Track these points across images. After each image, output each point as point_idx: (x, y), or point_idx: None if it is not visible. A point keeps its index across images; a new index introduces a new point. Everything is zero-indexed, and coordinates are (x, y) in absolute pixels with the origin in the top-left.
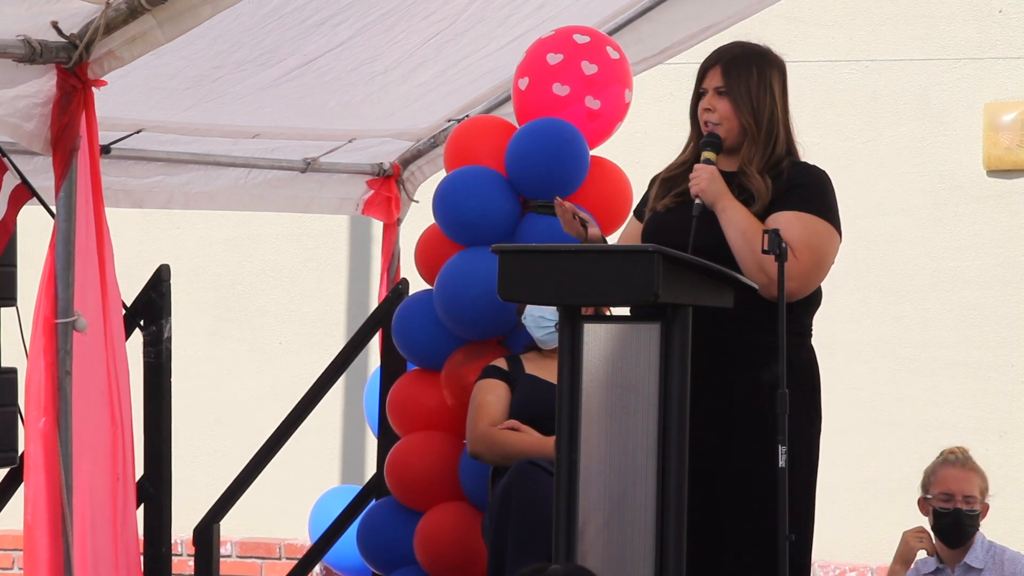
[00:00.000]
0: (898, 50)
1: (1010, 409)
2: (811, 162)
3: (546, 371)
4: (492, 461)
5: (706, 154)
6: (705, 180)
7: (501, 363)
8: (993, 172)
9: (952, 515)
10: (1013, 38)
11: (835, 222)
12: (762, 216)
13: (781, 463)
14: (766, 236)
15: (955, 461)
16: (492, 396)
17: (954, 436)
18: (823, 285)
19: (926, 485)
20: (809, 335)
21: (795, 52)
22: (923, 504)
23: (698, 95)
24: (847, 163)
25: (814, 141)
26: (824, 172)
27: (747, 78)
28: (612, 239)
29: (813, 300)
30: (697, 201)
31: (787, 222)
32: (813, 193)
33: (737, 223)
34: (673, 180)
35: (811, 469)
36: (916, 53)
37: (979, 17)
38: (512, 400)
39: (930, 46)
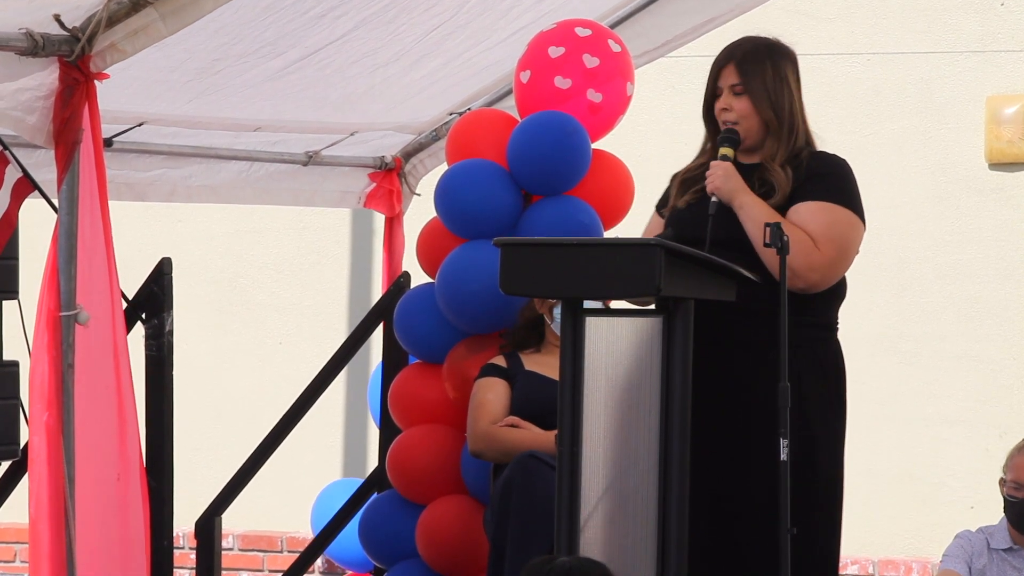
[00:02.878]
0: (900, 43)
1: (1011, 402)
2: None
3: (545, 367)
4: (494, 458)
5: (723, 150)
6: (720, 177)
7: (500, 361)
8: (995, 165)
9: (1020, 504)
10: (1015, 31)
11: (858, 211)
12: (783, 208)
13: (783, 456)
14: (767, 230)
15: None
16: (492, 394)
17: (956, 430)
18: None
19: (1005, 467)
20: (834, 329)
21: (797, 45)
22: (1001, 485)
23: (712, 94)
24: (849, 156)
25: (816, 134)
26: (845, 161)
27: (763, 73)
28: (620, 232)
29: (837, 292)
30: (713, 199)
31: (809, 212)
32: (835, 182)
33: (756, 218)
34: (691, 180)
35: (838, 466)
36: (918, 46)
37: (981, 10)
38: (512, 397)
39: (932, 39)
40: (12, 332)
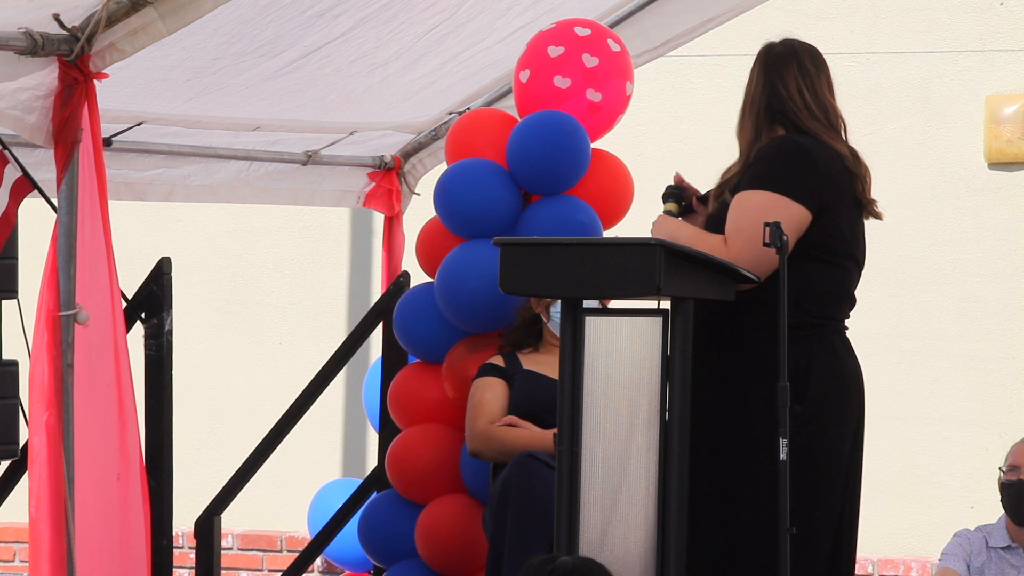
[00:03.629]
0: (899, 42)
1: (1011, 401)
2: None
3: (544, 366)
4: (492, 458)
5: (666, 206)
6: (653, 232)
7: (498, 360)
8: (994, 165)
9: (1016, 486)
10: (1014, 31)
11: (784, 189)
12: None
13: (782, 455)
14: (767, 229)
15: None
16: (490, 394)
17: (955, 429)
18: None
19: (1005, 460)
20: (801, 328)
21: None
22: (999, 479)
23: None
24: None
25: (792, 124)
26: (784, 140)
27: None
28: (616, 232)
29: (806, 290)
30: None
31: (729, 209)
32: (757, 168)
33: (687, 244)
34: (717, 188)
35: (801, 465)
36: (917, 45)
37: (980, 9)
38: (511, 396)
39: (931, 38)
40: (12, 332)
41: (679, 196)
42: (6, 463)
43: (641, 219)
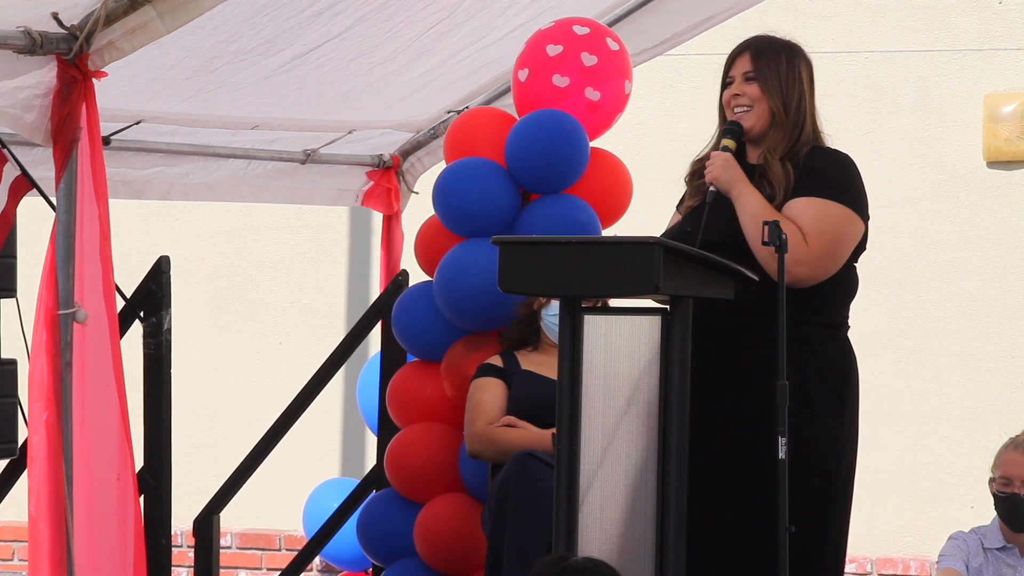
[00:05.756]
0: (898, 41)
1: (1011, 399)
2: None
3: (542, 366)
4: (491, 459)
5: (725, 141)
6: (719, 167)
7: (496, 360)
8: (993, 163)
9: (1010, 499)
10: (1013, 29)
11: (855, 205)
12: (782, 204)
13: (781, 455)
14: (766, 228)
15: (1020, 444)
16: (488, 394)
17: (955, 427)
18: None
19: (992, 466)
20: (839, 327)
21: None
22: (991, 484)
23: (725, 85)
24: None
25: (828, 135)
26: (845, 155)
27: (776, 63)
28: (616, 231)
29: (844, 290)
30: (712, 188)
31: (800, 208)
32: (830, 177)
33: (750, 210)
34: (698, 174)
35: (838, 466)
36: (916, 44)
37: (979, 8)
38: (510, 396)
39: (930, 37)
40: (11, 330)
41: (738, 134)
42: (5, 462)
43: (640, 218)
